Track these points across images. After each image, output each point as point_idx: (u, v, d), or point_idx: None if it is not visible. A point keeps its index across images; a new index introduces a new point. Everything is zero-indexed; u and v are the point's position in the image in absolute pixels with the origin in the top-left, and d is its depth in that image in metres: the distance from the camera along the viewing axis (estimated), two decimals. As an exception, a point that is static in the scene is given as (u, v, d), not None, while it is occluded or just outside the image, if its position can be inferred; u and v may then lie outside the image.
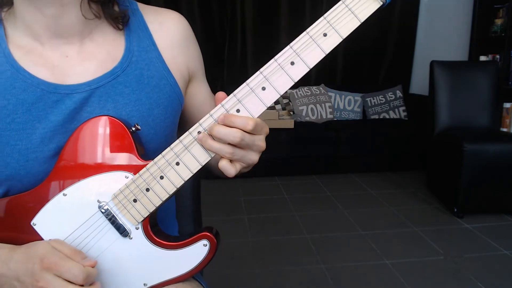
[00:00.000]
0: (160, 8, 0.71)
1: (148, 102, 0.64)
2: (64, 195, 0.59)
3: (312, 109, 3.70)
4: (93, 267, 0.56)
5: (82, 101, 0.60)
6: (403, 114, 3.82)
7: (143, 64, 0.65)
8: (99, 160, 0.59)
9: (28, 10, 0.58)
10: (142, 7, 0.69)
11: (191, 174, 0.57)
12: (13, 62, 0.58)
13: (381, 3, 0.52)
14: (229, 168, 0.55)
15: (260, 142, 0.56)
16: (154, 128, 0.65)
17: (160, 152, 0.57)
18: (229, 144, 0.54)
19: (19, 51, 0.59)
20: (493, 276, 1.88)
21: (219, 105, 0.55)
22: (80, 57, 0.61)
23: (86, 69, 0.61)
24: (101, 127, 0.59)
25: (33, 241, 0.57)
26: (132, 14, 0.67)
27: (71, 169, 0.59)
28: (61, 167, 0.59)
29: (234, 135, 0.53)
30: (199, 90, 0.76)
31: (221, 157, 0.55)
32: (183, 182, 0.57)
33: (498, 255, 2.07)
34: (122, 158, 0.59)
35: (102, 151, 0.59)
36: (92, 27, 0.62)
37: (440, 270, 1.95)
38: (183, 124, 0.77)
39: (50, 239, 0.57)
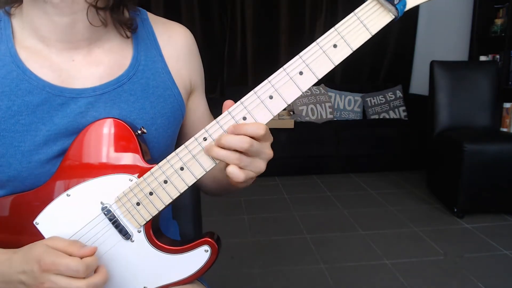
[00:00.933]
0: (168, 20, 0.72)
1: (152, 112, 0.65)
2: (68, 195, 0.59)
3: (312, 109, 3.71)
4: (92, 254, 0.56)
5: (87, 106, 0.60)
6: (403, 114, 3.82)
7: (150, 73, 0.65)
8: (104, 162, 0.60)
9: (37, 15, 0.57)
10: (152, 17, 0.70)
11: (195, 180, 0.57)
12: (19, 63, 0.58)
13: (393, 16, 0.52)
14: (237, 173, 0.54)
15: (268, 149, 0.57)
16: (156, 137, 0.65)
17: (160, 160, 0.57)
18: (236, 151, 0.54)
19: (25, 51, 0.59)
20: (493, 276, 1.88)
21: (226, 112, 0.55)
22: (86, 62, 0.61)
23: (93, 74, 0.61)
24: (107, 129, 0.60)
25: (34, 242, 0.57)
26: (142, 24, 0.67)
27: (76, 170, 0.59)
28: (66, 167, 0.59)
29: (242, 141, 0.53)
30: (198, 105, 0.76)
31: (228, 164, 0.55)
32: (186, 187, 0.58)
33: (498, 255, 2.07)
34: (127, 161, 0.60)
35: (107, 153, 0.60)
36: (101, 34, 0.62)
37: (440, 270, 1.95)
38: (177, 138, 0.77)
39: (45, 239, 0.57)
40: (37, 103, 0.58)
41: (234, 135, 0.53)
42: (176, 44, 0.69)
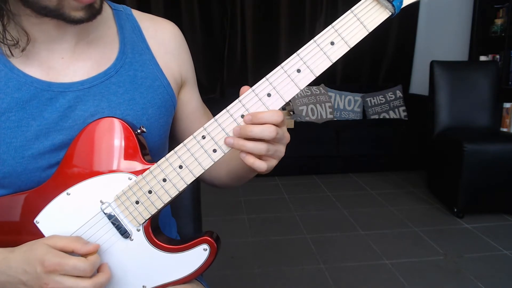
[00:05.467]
0: (155, 16, 0.73)
1: (142, 102, 0.65)
2: (68, 194, 0.59)
3: (312, 109, 3.71)
4: (96, 251, 0.57)
5: (76, 100, 0.61)
6: (403, 114, 3.82)
7: (137, 65, 0.66)
8: (103, 161, 0.60)
9: (27, 19, 0.58)
10: (136, 13, 0.71)
11: (194, 178, 0.57)
12: (7, 62, 0.59)
13: (390, 13, 0.52)
14: (261, 164, 0.55)
15: (287, 133, 0.57)
16: (148, 128, 0.65)
17: (153, 152, 0.57)
18: (262, 141, 0.54)
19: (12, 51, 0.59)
20: (493, 276, 1.88)
21: (224, 110, 0.55)
22: (74, 57, 0.62)
23: (80, 69, 0.62)
24: (107, 129, 0.60)
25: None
26: (127, 19, 0.69)
27: (76, 169, 0.60)
28: (66, 166, 0.60)
29: (270, 130, 0.53)
30: (191, 97, 0.77)
31: (246, 156, 0.55)
32: (185, 185, 0.58)
33: (498, 255, 2.07)
34: (127, 160, 0.60)
35: (107, 152, 0.60)
36: (89, 29, 0.63)
37: (440, 270, 1.95)
38: (175, 133, 0.77)
39: (44, 238, 0.57)
40: (26, 99, 0.58)
41: (260, 125, 0.53)
42: (163, 38, 0.70)
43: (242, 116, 0.55)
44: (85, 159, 0.60)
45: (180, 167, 0.57)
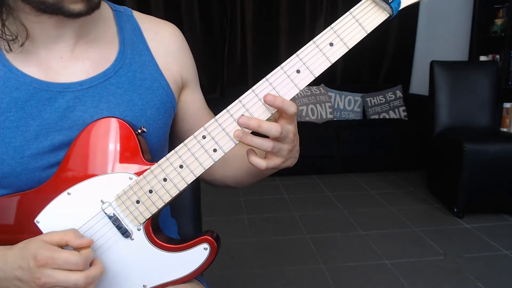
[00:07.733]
0: (156, 18, 0.73)
1: (141, 103, 0.65)
2: (69, 194, 0.60)
3: (312, 109, 3.71)
4: (89, 246, 0.56)
5: (75, 100, 0.61)
6: (403, 114, 3.82)
7: (136, 66, 0.66)
8: (104, 161, 0.60)
9: (27, 17, 0.58)
10: (137, 15, 0.71)
11: (194, 178, 0.58)
12: (6, 62, 0.59)
13: (388, 15, 0.53)
14: (260, 162, 0.56)
15: (291, 134, 0.57)
16: (147, 129, 0.65)
17: (152, 153, 0.57)
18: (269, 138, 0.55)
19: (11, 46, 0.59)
20: (493, 276, 1.88)
21: (224, 111, 0.56)
22: (73, 57, 0.62)
23: (79, 69, 0.62)
24: (108, 129, 0.60)
25: None
26: (127, 20, 0.69)
27: (77, 169, 0.60)
28: (66, 166, 0.60)
29: (276, 129, 0.54)
30: (193, 99, 0.76)
31: (251, 154, 0.57)
32: (186, 185, 0.58)
33: (498, 255, 2.08)
34: (127, 159, 0.60)
35: (107, 152, 0.60)
36: (89, 29, 0.63)
37: (440, 270, 1.95)
38: (177, 134, 0.77)
39: (41, 234, 0.57)
40: (25, 99, 0.58)
41: (267, 122, 0.54)
42: (163, 40, 0.70)
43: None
44: (85, 158, 0.60)
45: (181, 166, 0.57)
